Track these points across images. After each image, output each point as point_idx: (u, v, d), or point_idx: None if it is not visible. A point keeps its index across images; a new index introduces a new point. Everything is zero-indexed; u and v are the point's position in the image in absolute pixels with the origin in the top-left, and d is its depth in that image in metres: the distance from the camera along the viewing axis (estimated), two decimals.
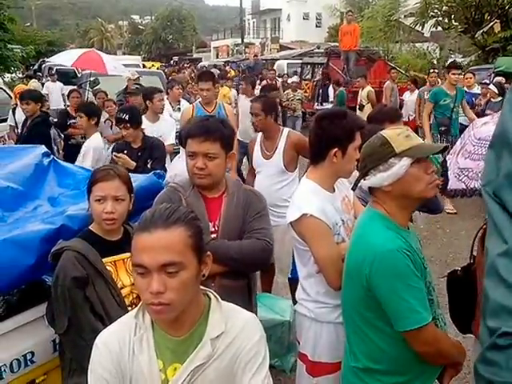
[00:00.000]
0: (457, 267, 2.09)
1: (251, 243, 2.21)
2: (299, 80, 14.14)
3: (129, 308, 2.06)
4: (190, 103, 6.40)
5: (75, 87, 8.86)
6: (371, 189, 1.84)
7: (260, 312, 2.59)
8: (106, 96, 7.16)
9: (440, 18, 15.32)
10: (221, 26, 57.62)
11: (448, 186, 2.96)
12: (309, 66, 15.68)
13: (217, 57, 41.28)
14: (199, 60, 35.82)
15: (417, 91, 9.89)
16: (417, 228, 2.33)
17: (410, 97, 10.26)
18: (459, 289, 2.01)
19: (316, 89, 13.34)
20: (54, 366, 2.27)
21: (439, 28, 16.07)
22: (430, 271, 1.87)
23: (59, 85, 13.21)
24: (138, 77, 7.71)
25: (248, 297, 2.31)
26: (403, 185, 1.74)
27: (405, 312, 1.66)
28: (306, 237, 2.11)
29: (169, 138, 5.09)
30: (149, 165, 4.01)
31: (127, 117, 4.07)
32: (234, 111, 6.78)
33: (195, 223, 1.38)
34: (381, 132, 1.83)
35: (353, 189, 2.05)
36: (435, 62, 16.65)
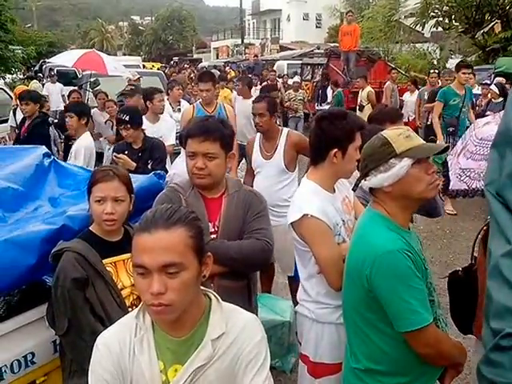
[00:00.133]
0: (457, 268, 2.09)
1: (251, 243, 2.20)
2: (300, 80, 14.12)
3: (129, 309, 2.05)
4: (191, 104, 6.39)
5: (75, 88, 8.84)
6: (372, 189, 1.84)
7: (260, 312, 2.59)
8: (107, 97, 7.15)
9: (440, 19, 15.30)
10: (221, 27, 57.53)
11: (450, 187, 2.94)
12: (309, 67, 15.66)
13: (217, 57, 41.24)
14: (199, 60, 35.80)
15: (417, 92, 9.90)
16: (416, 229, 2.32)
17: (410, 97, 10.26)
18: (460, 289, 2.01)
19: (316, 89, 13.34)
20: (55, 367, 2.27)
21: (439, 28, 16.06)
22: (431, 272, 1.87)
23: (59, 86, 13.21)
24: (139, 77, 7.66)
25: (248, 297, 2.30)
26: (404, 185, 1.73)
27: (405, 313, 1.65)
28: (307, 237, 2.11)
29: (169, 139, 5.07)
30: (149, 165, 4.00)
31: (127, 117, 4.05)
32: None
33: (196, 224, 1.38)
34: (381, 132, 1.82)
35: (353, 189, 2.04)
36: (435, 63, 16.64)
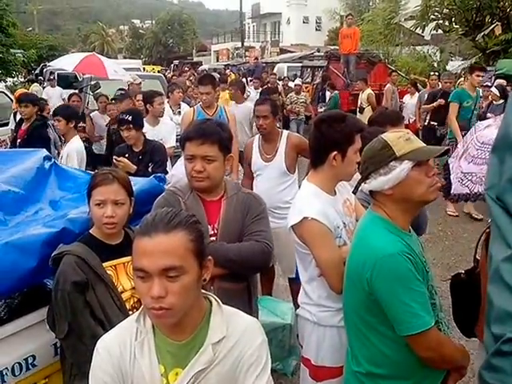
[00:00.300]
0: (460, 270, 2.08)
1: (250, 245, 2.20)
2: (301, 83, 14.11)
3: (130, 312, 2.04)
4: (191, 107, 6.39)
5: (75, 91, 8.85)
6: (372, 192, 1.83)
7: (261, 315, 2.58)
8: (108, 100, 7.16)
9: (440, 21, 15.30)
10: (221, 30, 57.69)
11: (451, 191, 2.92)
12: (309, 70, 15.69)
13: (217, 60, 41.27)
14: (200, 63, 35.82)
15: (417, 94, 9.90)
16: None
17: (411, 100, 10.27)
18: (463, 292, 2.00)
19: (316, 92, 13.35)
20: (55, 370, 2.26)
21: (439, 31, 16.06)
22: (432, 274, 1.86)
23: (59, 89, 13.23)
24: (140, 82, 7.63)
25: (248, 300, 2.29)
26: (404, 188, 1.73)
27: (407, 316, 1.64)
28: (308, 240, 2.10)
29: (169, 141, 5.09)
30: (150, 168, 4.00)
31: (130, 118, 4.07)
32: None
33: (196, 227, 1.37)
34: (381, 135, 1.82)
35: (354, 192, 2.04)
36: (435, 65, 16.65)
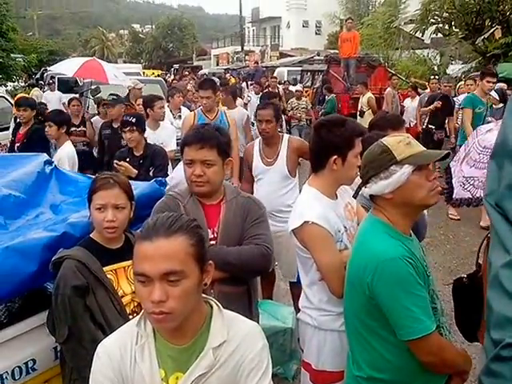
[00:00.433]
0: (461, 274, 2.07)
1: (250, 249, 2.21)
2: (302, 88, 14.12)
3: (130, 316, 2.04)
4: (191, 111, 6.39)
5: (75, 95, 8.86)
6: (372, 196, 1.83)
7: (261, 319, 2.58)
8: None
9: (440, 25, 15.31)
10: (221, 34, 57.84)
11: (453, 195, 2.91)
12: (309, 73, 15.73)
13: (217, 64, 41.32)
14: (199, 68, 35.91)
15: (417, 98, 9.91)
16: None
17: (411, 103, 10.28)
18: (465, 296, 1.99)
19: (316, 96, 13.37)
20: (55, 374, 2.26)
21: (439, 35, 16.08)
22: (434, 278, 1.85)
23: (58, 94, 13.28)
24: (141, 88, 7.62)
25: (248, 303, 2.29)
26: (405, 192, 1.72)
27: (408, 321, 1.64)
28: (308, 244, 2.10)
29: (170, 145, 5.11)
30: (151, 172, 4.02)
31: (134, 120, 4.15)
32: None
33: (197, 232, 1.37)
34: (381, 140, 1.82)
35: (354, 196, 2.04)
36: (436, 69, 16.66)
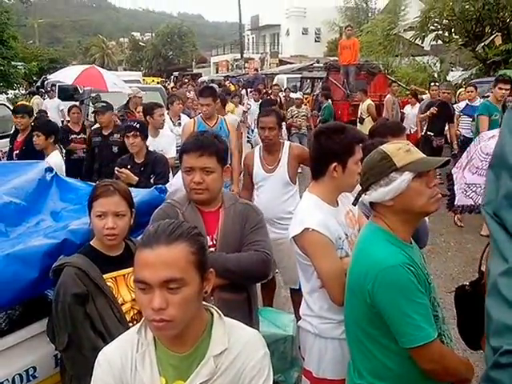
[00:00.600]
0: (463, 281, 2.06)
1: (249, 255, 2.21)
2: (302, 96, 14.12)
3: (130, 324, 2.04)
4: (191, 118, 6.41)
5: (75, 103, 8.89)
6: (372, 203, 1.83)
7: (262, 326, 2.57)
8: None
9: (440, 32, 15.33)
10: (220, 42, 58.13)
11: (455, 202, 2.90)
12: (308, 81, 15.75)
13: (217, 72, 41.47)
14: (199, 75, 36.07)
15: (418, 104, 9.93)
16: None
17: (411, 110, 10.28)
18: (468, 304, 1.98)
19: (316, 103, 13.40)
20: (55, 382, 2.25)
21: (439, 41, 16.11)
22: (435, 286, 1.85)
23: (57, 101, 13.35)
24: (141, 96, 7.65)
25: (248, 310, 2.30)
26: (405, 199, 1.72)
27: (409, 328, 1.63)
28: (309, 251, 2.09)
29: (170, 152, 5.14)
30: (152, 180, 4.03)
31: (138, 125, 4.25)
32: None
33: (198, 239, 1.37)
34: (381, 147, 1.82)
35: (354, 204, 2.03)
36: (436, 76, 16.69)
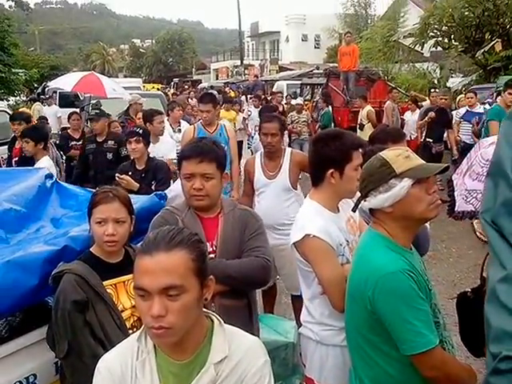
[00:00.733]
0: (465, 288, 2.06)
1: (250, 261, 2.21)
2: (303, 102, 14.12)
3: (130, 331, 2.04)
4: (191, 124, 6.42)
5: (76, 110, 8.92)
6: (372, 210, 1.82)
7: (263, 333, 2.56)
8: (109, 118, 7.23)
9: (439, 38, 15.36)
10: (220, 49, 58.35)
11: (455, 208, 2.90)
12: (308, 87, 15.79)
13: (217, 78, 41.61)
14: (199, 81, 36.24)
15: (418, 111, 9.95)
16: None
17: (412, 116, 10.30)
18: (470, 311, 1.97)
19: (316, 110, 13.43)
20: None
21: (439, 48, 16.15)
22: (435, 293, 1.84)
23: (55, 108, 13.42)
24: (141, 103, 7.68)
25: (249, 316, 2.30)
26: (404, 206, 1.72)
27: (410, 335, 1.62)
28: (310, 258, 2.09)
29: (169, 156, 5.16)
30: (153, 186, 4.04)
31: (141, 131, 4.31)
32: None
33: (198, 246, 1.37)
34: (380, 153, 1.82)
35: (353, 210, 2.03)
36: (436, 82, 16.72)
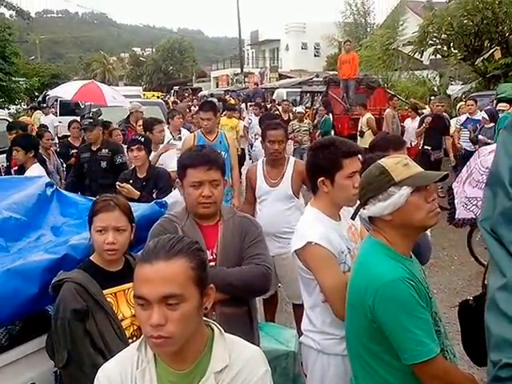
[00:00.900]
0: (467, 296, 2.04)
1: (250, 269, 2.21)
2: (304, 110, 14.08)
3: (129, 340, 2.03)
4: (191, 132, 6.43)
5: (76, 118, 8.95)
6: (371, 218, 1.82)
7: (263, 342, 2.55)
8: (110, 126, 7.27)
9: (439, 46, 15.42)
10: (220, 57, 58.61)
11: (456, 216, 2.91)
12: (308, 95, 15.83)
13: (217, 86, 41.78)
14: (199, 89, 36.40)
15: (418, 118, 9.97)
16: None
17: (412, 123, 10.32)
18: (472, 319, 1.96)
19: (316, 117, 13.45)
20: None
21: (438, 56, 16.21)
22: (435, 301, 1.83)
23: (52, 117, 13.52)
24: (142, 112, 7.71)
25: (249, 323, 2.30)
26: (403, 214, 1.71)
27: (411, 344, 1.61)
28: (311, 265, 2.08)
29: (170, 166, 5.13)
30: (154, 195, 4.03)
31: (143, 139, 4.35)
32: None
33: (198, 254, 1.36)
34: (379, 161, 1.81)
35: (352, 218, 2.03)
36: (435, 90, 16.77)
